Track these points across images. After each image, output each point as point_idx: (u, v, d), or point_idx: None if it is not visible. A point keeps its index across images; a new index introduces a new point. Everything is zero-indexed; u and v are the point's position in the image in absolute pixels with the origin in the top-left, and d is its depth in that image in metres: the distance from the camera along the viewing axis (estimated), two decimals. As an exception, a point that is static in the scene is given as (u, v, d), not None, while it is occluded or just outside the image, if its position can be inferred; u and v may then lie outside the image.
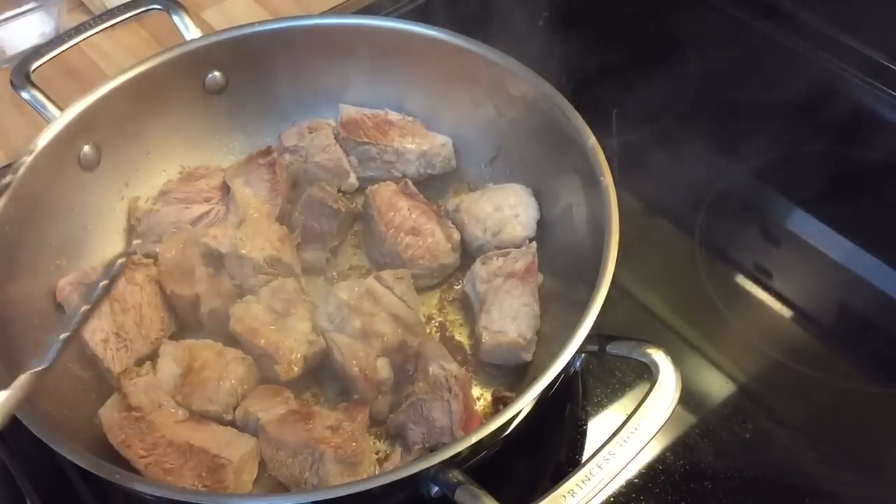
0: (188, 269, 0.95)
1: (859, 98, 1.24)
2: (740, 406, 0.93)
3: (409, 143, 1.07)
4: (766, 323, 1.02)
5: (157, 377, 0.88)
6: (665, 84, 1.27)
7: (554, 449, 0.91)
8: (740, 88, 1.26)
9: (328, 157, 1.07)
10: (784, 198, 1.14)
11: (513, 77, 1.02)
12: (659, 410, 0.71)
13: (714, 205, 1.11)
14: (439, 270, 1.01)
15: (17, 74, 0.99)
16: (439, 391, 0.84)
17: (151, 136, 1.06)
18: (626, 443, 0.69)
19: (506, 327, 0.91)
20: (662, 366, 0.74)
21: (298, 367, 0.89)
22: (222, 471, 0.81)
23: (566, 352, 0.76)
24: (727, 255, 1.08)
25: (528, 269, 0.95)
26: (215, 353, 0.90)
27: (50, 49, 1.02)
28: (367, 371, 0.87)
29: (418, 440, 0.83)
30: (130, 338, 0.92)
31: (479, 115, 1.08)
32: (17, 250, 0.90)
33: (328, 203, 1.01)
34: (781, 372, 0.96)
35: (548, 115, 0.99)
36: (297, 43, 1.09)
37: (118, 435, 0.83)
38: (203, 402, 0.86)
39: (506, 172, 1.08)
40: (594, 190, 0.90)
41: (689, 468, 0.88)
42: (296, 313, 0.92)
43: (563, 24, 1.35)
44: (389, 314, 0.91)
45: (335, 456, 0.81)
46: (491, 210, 1.01)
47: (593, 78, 1.25)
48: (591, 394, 0.94)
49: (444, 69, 1.07)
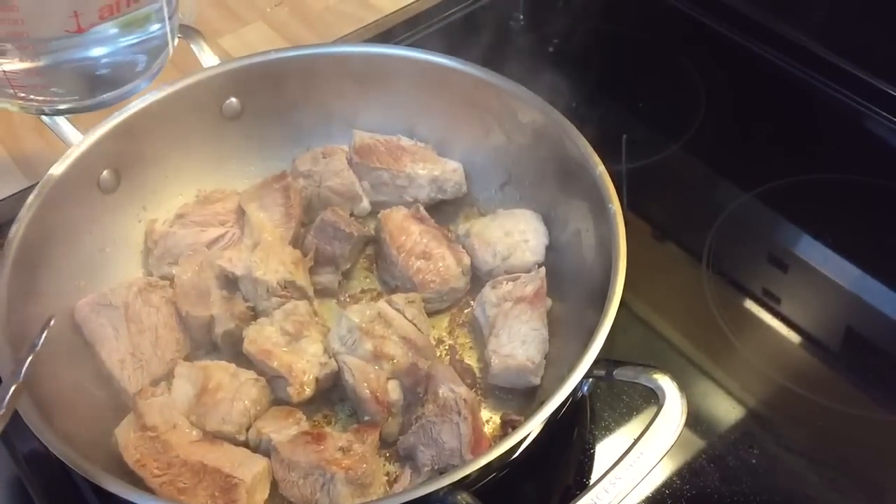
0: (203, 291, 0.97)
1: (867, 126, 1.25)
2: (747, 431, 0.93)
3: (420, 169, 1.09)
4: (773, 348, 1.02)
5: (171, 397, 0.90)
6: (673, 111, 1.29)
7: (562, 472, 0.92)
8: (748, 115, 1.28)
9: (341, 182, 1.09)
10: (792, 223, 1.15)
11: (522, 104, 1.04)
12: (665, 435, 0.72)
13: (722, 230, 1.12)
14: (449, 294, 1.02)
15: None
16: (449, 414, 0.85)
17: (169, 160, 1.08)
18: (632, 467, 0.70)
19: (515, 351, 0.92)
20: (668, 391, 0.75)
21: (310, 388, 0.90)
22: (235, 490, 0.82)
23: (574, 376, 0.77)
24: (735, 280, 1.08)
25: (537, 293, 0.96)
26: (229, 375, 0.91)
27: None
28: (377, 393, 0.89)
29: (428, 462, 0.84)
30: (146, 358, 0.93)
31: (489, 142, 1.10)
32: (36, 271, 0.92)
33: (341, 227, 1.03)
34: (788, 397, 0.97)
35: (557, 142, 1.00)
36: (311, 70, 1.11)
37: (133, 454, 0.84)
38: (217, 423, 0.88)
39: (516, 198, 1.09)
40: (602, 216, 0.92)
41: (695, 493, 0.88)
42: (308, 335, 0.93)
43: (572, 52, 1.37)
44: (400, 337, 0.92)
45: (346, 477, 0.82)
46: (501, 235, 1.03)
47: (602, 105, 1.26)
48: (598, 418, 0.95)
49: (455, 96, 1.09)
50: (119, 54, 0.75)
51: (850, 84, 1.26)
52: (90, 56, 0.72)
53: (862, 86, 1.25)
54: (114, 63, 0.76)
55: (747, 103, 1.29)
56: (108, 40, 0.72)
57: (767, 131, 1.25)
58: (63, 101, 0.77)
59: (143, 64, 0.78)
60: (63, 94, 0.75)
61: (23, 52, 0.69)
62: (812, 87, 1.29)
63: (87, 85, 0.77)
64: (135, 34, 0.74)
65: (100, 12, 0.69)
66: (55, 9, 0.68)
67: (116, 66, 0.77)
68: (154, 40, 0.77)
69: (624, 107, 1.29)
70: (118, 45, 0.72)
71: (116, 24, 0.70)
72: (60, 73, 0.72)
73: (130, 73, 0.79)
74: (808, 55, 1.29)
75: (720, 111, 1.27)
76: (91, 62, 0.73)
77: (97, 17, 0.68)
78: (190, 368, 0.92)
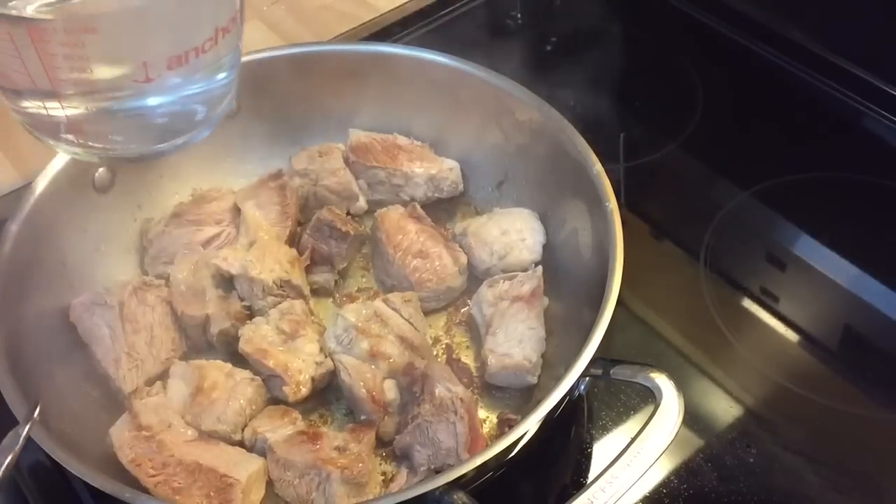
0: (199, 291, 0.97)
1: (865, 124, 1.25)
2: (745, 430, 0.93)
3: (417, 168, 1.09)
4: (771, 347, 1.02)
5: (167, 397, 0.89)
6: (671, 109, 1.29)
7: (559, 471, 0.92)
8: (745, 113, 1.27)
9: (338, 181, 1.09)
10: (789, 222, 1.15)
11: (519, 103, 1.04)
12: (662, 434, 0.72)
13: (720, 229, 1.12)
14: (446, 293, 1.02)
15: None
16: (445, 413, 0.85)
17: (164, 158, 1.06)
18: (630, 466, 0.70)
19: (511, 350, 0.92)
20: (665, 390, 0.75)
21: (306, 387, 0.90)
22: (230, 490, 0.81)
23: (570, 375, 0.77)
24: (733, 278, 1.08)
25: (533, 292, 0.96)
26: (224, 374, 0.91)
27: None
28: (374, 392, 0.88)
29: (424, 461, 0.84)
30: (141, 358, 0.93)
31: (486, 140, 1.10)
32: (31, 270, 0.92)
33: (337, 226, 1.03)
34: (786, 396, 0.96)
35: (554, 141, 1.00)
36: (308, 69, 1.11)
37: (128, 454, 0.84)
38: (212, 422, 0.87)
39: (513, 197, 1.09)
40: (599, 215, 0.92)
41: (693, 492, 0.88)
42: (304, 335, 0.93)
43: (569, 50, 1.37)
44: (397, 336, 0.92)
45: (342, 477, 0.82)
46: (498, 234, 1.03)
47: (599, 104, 1.26)
48: (596, 417, 0.94)
49: (452, 95, 1.09)
50: (182, 103, 0.75)
51: (848, 82, 1.26)
52: (153, 105, 0.72)
53: (860, 84, 1.25)
54: (176, 112, 0.76)
55: (745, 101, 1.29)
56: (173, 89, 0.71)
57: (765, 130, 1.25)
58: (122, 149, 0.77)
59: (203, 113, 0.78)
60: (122, 141, 0.75)
61: (86, 98, 0.69)
62: (810, 86, 1.29)
63: (147, 133, 0.77)
64: (200, 83, 0.74)
65: (168, 63, 0.69)
66: (124, 58, 0.67)
67: (178, 114, 0.77)
68: (218, 89, 0.77)
69: (621, 105, 1.28)
70: (182, 95, 0.72)
71: (183, 74, 0.70)
72: (122, 121, 0.72)
73: (191, 122, 0.79)
74: (806, 53, 1.29)
75: (717, 109, 1.27)
76: (153, 111, 0.73)
77: (165, 68, 0.69)
78: (185, 368, 0.91)
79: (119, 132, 0.73)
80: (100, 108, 0.70)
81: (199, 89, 0.75)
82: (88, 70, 0.66)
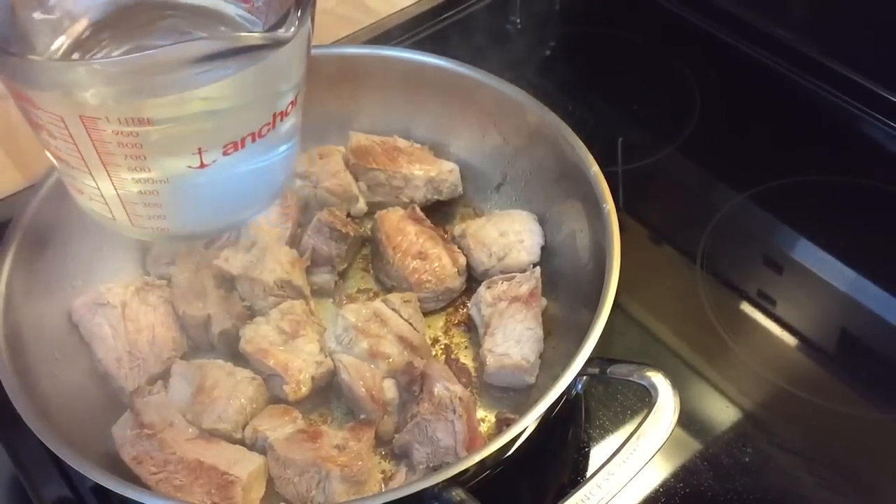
0: (200, 291, 0.98)
1: (861, 128, 1.26)
2: (741, 430, 0.94)
3: (417, 170, 1.10)
4: (767, 349, 1.03)
5: (168, 396, 0.90)
6: (668, 113, 1.30)
7: (556, 470, 0.92)
8: (742, 117, 1.28)
9: (338, 183, 1.09)
10: (786, 225, 1.16)
11: (519, 106, 1.05)
12: (658, 432, 0.73)
13: (716, 231, 1.13)
14: (445, 294, 1.02)
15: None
16: (444, 412, 0.86)
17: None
18: (626, 463, 0.71)
19: (510, 350, 0.93)
20: (661, 388, 0.76)
21: (306, 387, 0.90)
22: (231, 488, 0.82)
23: (568, 374, 0.78)
24: (729, 281, 1.09)
25: (531, 293, 0.97)
26: (226, 373, 0.91)
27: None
28: (373, 392, 0.89)
29: (423, 460, 0.85)
30: (143, 357, 0.93)
31: (485, 143, 1.10)
32: (34, 271, 0.93)
33: (337, 227, 1.03)
34: (782, 396, 0.97)
35: (552, 144, 1.01)
36: (309, 71, 1.11)
37: (130, 451, 0.85)
38: (213, 421, 0.88)
39: (511, 199, 1.10)
40: (597, 217, 0.93)
41: (689, 491, 0.89)
42: (304, 335, 0.94)
43: (567, 54, 1.38)
44: (396, 336, 0.93)
45: (341, 475, 0.82)
46: (496, 236, 1.03)
47: (597, 107, 1.27)
48: (593, 417, 0.95)
49: (451, 98, 1.10)
50: (237, 183, 0.74)
51: (844, 86, 1.27)
52: (207, 188, 0.71)
53: (855, 88, 1.26)
54: (231, 191, 0.76)
55: (741, 105, 1.30)
56: (228, 172, 0.71)
57: (762, 133, 1.26)
58: (175, 230, 0.77)
59: (260, 191, 0.78)
60: (177, 223, 0.75)
61: (139, 182, 0.69)
62: (806, 90, 1.30)
63: (202, 214, 0.78)
64: (256, 163, 0.73)
65: (224, 149, 0.68)
66: (179, 147, 0.67)
67: (234, 193, 0.77)
68: (275, 165, 0.76)
69: (619, 109, 1.29)
70: (237, 175, 0.72)
71: (239, 158, 0.70)
72: (175, 204, 0.72)
73: (247, 200, 0.79)
74: (802, 58, 1.30)
75: (714, 113, 1.28)
76: (208, 193, 0.72)
77: (221, 154, 0.69)
78: (186, 367, 0.92)
79: (173, 215, 0.72)
80: (153, 192, 0.70)
81: (256, 166, 0.74)
82: (142, 157, 0.66)
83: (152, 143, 0.65)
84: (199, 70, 0.60)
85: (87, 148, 0.66)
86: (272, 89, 0.70)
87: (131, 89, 0.63)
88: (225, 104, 0.67)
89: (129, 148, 0.65)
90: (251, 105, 0.69)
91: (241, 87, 0.67)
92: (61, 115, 0.64)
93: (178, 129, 0.66)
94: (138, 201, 0.70)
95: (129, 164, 0.67)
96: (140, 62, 0.61)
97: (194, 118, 0.66)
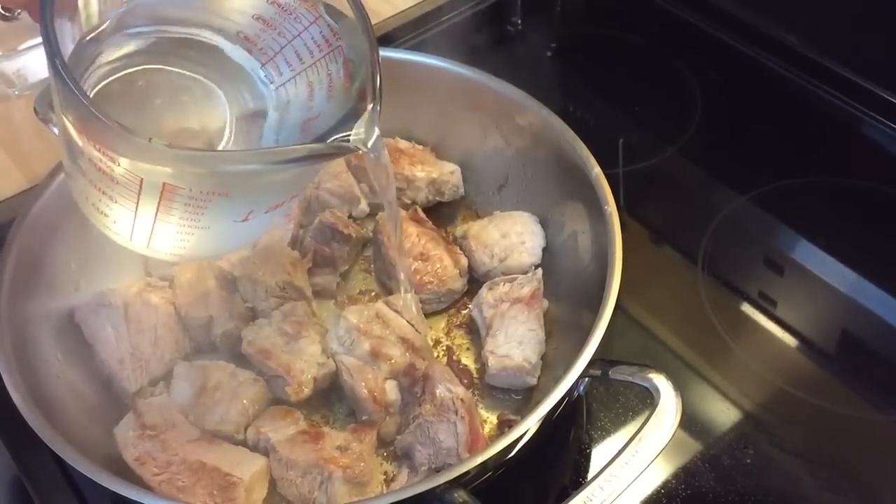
0: (202, 292, 0.98)
1: (863, 130, 1.26)
2: (742, 431, 0.94)
3: (418, 171, 1.10)
4: (768, 350, 1.03)
5: (170, 397, 0.90)
6: (669, 114, 1.30)
7: (558, 472, 0.92)
8: (743, 119, 1.29)
9: (340, 184, 1.10)
10: (787, 227, 1.16)
11: (520, 108, 1.05)
12: (660, 433, 0.73)
13: (718, 233, 1.13)
14: (447, 295, 1.03)
15: (40, 102, 1.02)
16: (446, 413, 0.86)
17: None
18: (628, 465, 0.71)
19: (511, 352, 0.93)
20: (663, 390, 0.76)
21: (309, 388, 0.91)
22: (233, 489, 0.82)
23: (570, 376, 0.78)
24: (730, 282, 1.09)
25: (533, 295, 0.97)
26: (228, 374, 0.92)
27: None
28: (375, 393, 0.89)
29: (425, 461, 0.85)
30: (146, 358, 0.94)
31: (487, 145, 1.11)
32: (37, 271, 0.93)
33: (339, 229, 1.03)
34: (783, 398, 0.97)
35: (554, 145, 1.01)
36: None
37: (132, 452, 0.85)
38: (215, 422, 0.88)
39: (513, 200, 1.10)
40: (598, 218, 0.93)
41: (690, 492, 0.89)
42: (307, 336, 0.94)
43: (569, 56, 1.38)
44: (398, 338, 0.93)
45: (343, 476, 0.83)
46: (498, 237, 1.04)
47: (599, 109, 1.27)
48: (595, 419, 0.95)
49: (453, 99, 1.10)
50: (262, 227, 0.79)
51: (846, 88, 1.27)
52: (236, 233, 0.75)
53: (857, 90, 1.26)
54: (252, 234, 0.83)
55: (743, 107, 1.30)
56: (262, 224, 0.76)
57: (763, 135, 1.26)
58: (189, 257, 0.82)
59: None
60: (192, 254, 0.78)
61: (185, 226, 0.71)
62: (807, 92, 1.30)
63: (218, 247, 0.83)
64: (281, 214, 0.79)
65: (267, 209, 0.73)
66: (238, 210, 0.70)
67: (253, 234, 0.85)
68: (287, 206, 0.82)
69: (620, 110, 1.30)
70: (264, 223, 0.77)
71: (276, 213, 0.75)
72: (202, 242, 0.74)
73: (258, 233, 0.88)
74: (804, 60, 1.30)
75: (716, 115, 1.28)
76: (234, 235, 0.76)
77: (263, 213, 0.72)
78: (189, 368, 0.92)
79: (193, 248, 0.74)
80: (190, 234, 0.71)
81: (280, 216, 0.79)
82: (200, 216, 0.68)
83: (216, 206, 0.68)
84: (293, 167, 0.65)
85: (149, 199, 0.67)
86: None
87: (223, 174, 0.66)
88: (292, 181, 0.73)
89: (192, 208, 0.67)
90: (306, 178, 0.78)
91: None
92: (143, 178, 0.65)
93: (244, 199, 0.69)
94: (169, 236, 0.71)
95: (184, 217, 0.68)
96: (242, 158, 0.65)
97: (261, 189, 0.70)
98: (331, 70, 0.73)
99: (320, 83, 0.74)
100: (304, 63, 0.74)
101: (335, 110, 0.71)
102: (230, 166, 0.65)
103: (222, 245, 0.80)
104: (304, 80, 0.75)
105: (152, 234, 0.71)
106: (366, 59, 0.70)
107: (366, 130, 0.68)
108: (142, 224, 0.70)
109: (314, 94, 0.74)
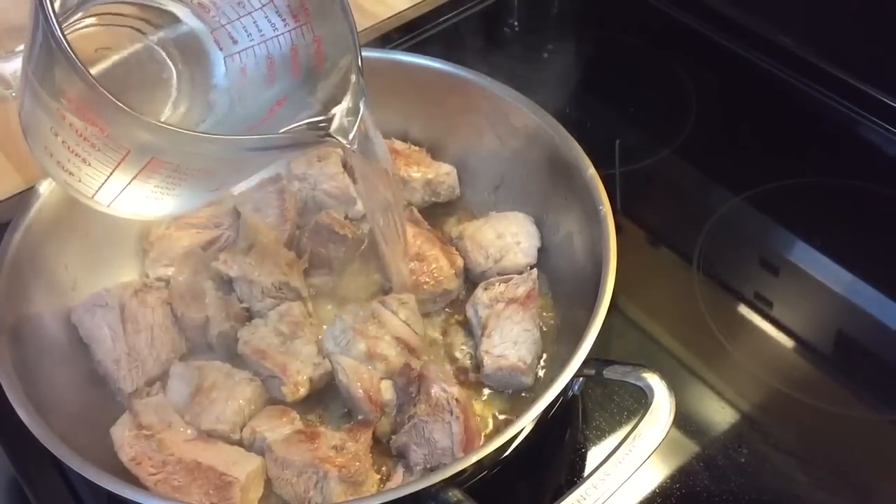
0: (199, 293, 0.98)
1: (857, 131, 1.27)
2: (737, 431, 0.94)
3: (414, 172, 1.10)
4: (763, 350, 1.03)
5: (166, 397, 0.91)
6: (665, 115, 1.30)
7: (554, 471, 0.93)
8: (739, 120, 1.29)
9: (336, 185, 1.10)
10: (782, 227, 1.17)
11: (515, 109, 1.05)
12: (653, 432, 0.73)
13: (713, 233, 1.13)
14: (443, 295, 1.03)
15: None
16: (441, 413, 0.86)
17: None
18: (622, 463, 0.71)
19: (507, 352, 0.93)
20: (657, 389, 0.76)
21: (304, 388, 0.91)
22: (229, 488, 0.82)
23: (564, 375, 0.78)
24: (725, 283, 1.09)
25: (529, 295, 0.97)
26: (224, 374, 0.92)
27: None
28: (371, 393, 0.90)
29: (420, 460, 0.85)
30: (142, 358, 0.94)
31: (482, 145, 1.11)
32: (33, 273, 0.93)
33: (335, 229, 1.04)
34: (778, 398, 0.98)
35: (549, 146, 1.02)
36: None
37: (128, 452, 0.85)
38: (211, 422, 0.89)
39: (508, 201, 1.10)
40: (593, 218, 0.93)
41: (685, 492, 0.89)
42: (302, 336, 0.94)
43: (565, 57, 1.38)
44: (394, 338, 0.93)
45: (339, 475, 0.83)
46: (493, 237, 1.04)
47: (594, 110, 1.28)
48: (590, 418, 0.96)
49: (448, 100, 1.10)
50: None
51: (840, 89, 1.27)
52: (207, 198, 0.81)
53: (851, 91, 1.26)
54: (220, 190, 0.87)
55: (738, 108, 1.30)
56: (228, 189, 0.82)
57: (758, 136, 1.26)
58: (154, 216, 0.85)
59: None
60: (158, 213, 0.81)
61: (156, 192, 0.72)
62: (802, 93, 1.30)
63: (185, 205, 0.83)
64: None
65: (237, 181, 0.79)
66: (214, 183, 0.73)
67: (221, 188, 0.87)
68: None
69: (615, 111, 1.30)
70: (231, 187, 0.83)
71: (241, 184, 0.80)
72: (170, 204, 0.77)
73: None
74: (798, 61, 1.30)
75: (711, 116, 1.29)
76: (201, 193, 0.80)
77: (232, 185, 0.79)
78: (185, 368, 0.92)
79: (157, 207, 0.75)
80: (160, 198, 0.72)
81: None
82: (176, 185, 0.68)
83: (196, 180, 0.68)
84: (286, 154, 0.66)
85: (130, 168, 0.67)
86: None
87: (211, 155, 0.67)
88: (268, 162, 0.77)
89: (173, 179, 0.67)
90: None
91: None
92: (130, 148, 0.64)
93: (224, 175, 0.70)
94: (137, 199, 0.71)
95: (160, 185, 0.68)
96: (235, 143, 0.66)
97: (242, 167, 0.71)
98: (297, 44, 0.72)
99: (283, 58, 0.72)
100: (263, 35, 0.73)
101: (306, 92, 0.70)
102: (242, 151, 0.65)
103: (183, 207, 0.80)
104: (262, 52, 0.73)
105: (119, 196, 0.71)
106: (345, 39, 0.68)
107: (348, 115, 0.66)
108: (112, 186, 0.70)
109: (275, 69, 0.73)
